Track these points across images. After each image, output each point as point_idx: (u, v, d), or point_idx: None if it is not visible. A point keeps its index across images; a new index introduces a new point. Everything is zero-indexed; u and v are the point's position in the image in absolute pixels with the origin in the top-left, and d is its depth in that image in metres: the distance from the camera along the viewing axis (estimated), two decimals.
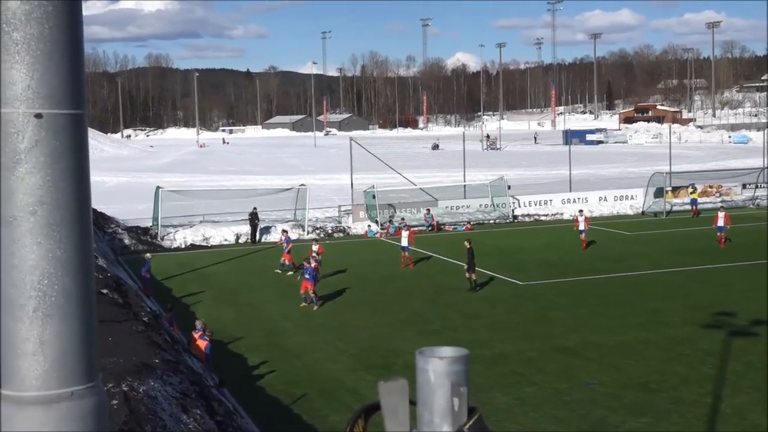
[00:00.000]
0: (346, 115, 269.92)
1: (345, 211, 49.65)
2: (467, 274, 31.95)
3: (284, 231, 39.68)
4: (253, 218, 44.63)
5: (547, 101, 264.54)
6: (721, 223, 40.82)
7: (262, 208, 45.81)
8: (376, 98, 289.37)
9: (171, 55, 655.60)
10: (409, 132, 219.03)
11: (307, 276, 30.00)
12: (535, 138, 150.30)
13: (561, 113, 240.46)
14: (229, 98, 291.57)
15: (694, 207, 51.69)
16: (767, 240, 39.38)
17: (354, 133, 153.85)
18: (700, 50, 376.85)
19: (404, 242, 37.09)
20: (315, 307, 29.51)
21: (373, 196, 48.65)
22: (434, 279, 34.38)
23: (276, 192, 49.67)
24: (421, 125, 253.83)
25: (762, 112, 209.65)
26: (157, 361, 15.43)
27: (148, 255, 33.06)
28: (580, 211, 43.64)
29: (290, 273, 35.44)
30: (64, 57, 2.62)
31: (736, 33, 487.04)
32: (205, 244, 44.33)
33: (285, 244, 36.88)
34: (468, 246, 32.28)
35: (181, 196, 48.06)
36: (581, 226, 40.69)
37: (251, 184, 65.19)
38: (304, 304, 29.76)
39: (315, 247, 34.28)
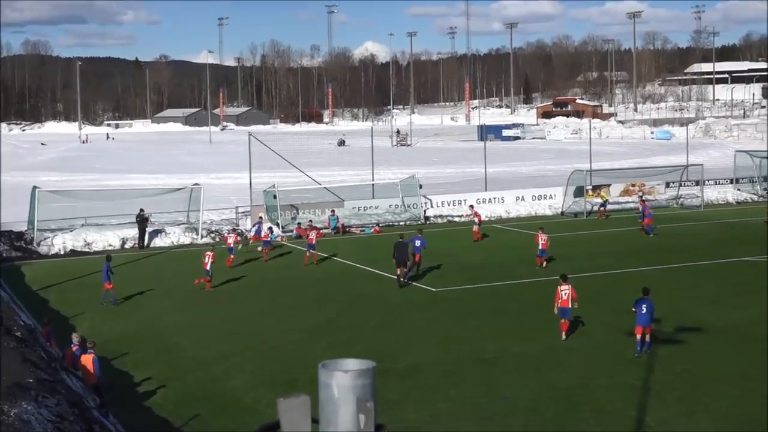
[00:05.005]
0: (244, 109, 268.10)
1: (243, 212, 49.22)
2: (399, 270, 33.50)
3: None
4: (142, 221, 43.86)
5: (461, 94, 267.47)
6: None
7: (151, 209, 45.11)
8: (278, 90, 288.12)
9: (52, 42, 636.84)
10: (313, 127, 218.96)
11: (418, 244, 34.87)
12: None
13: (476, 107, 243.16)
14: (115, 90, 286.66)
15: (602, 209, 52.43)
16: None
17: (253, 128, 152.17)
18: (621, 42, 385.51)
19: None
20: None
21: (274, 197, 48.34)
22: (343, 285, 34.36)
23: (167, 192, 48.98)
24: (326, 120, 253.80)
25: (685, 106, 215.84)
26: (31, 380, 14.99)
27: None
28: (471, 206, 48.93)
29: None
30: None
31: (658, 24, 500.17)
32: (87, 249, 43.43)
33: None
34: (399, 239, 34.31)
35: (61, 197, 47.02)
36: (475, 219, 45.29)
37: (139, 184, 64.20)
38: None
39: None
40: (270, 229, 42.82)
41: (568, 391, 21.18)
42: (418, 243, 35.39)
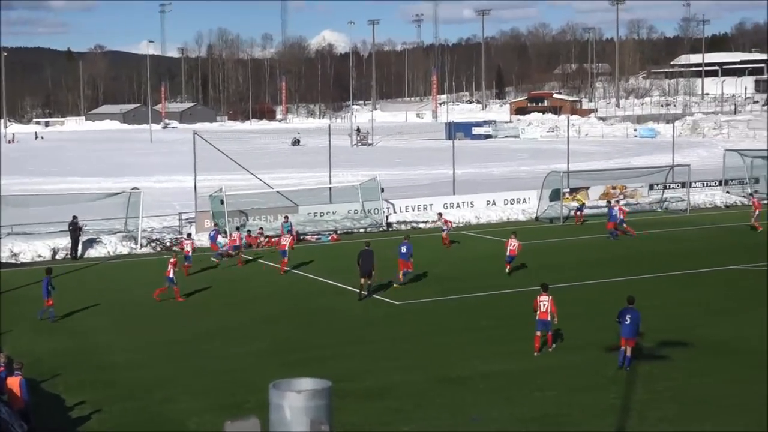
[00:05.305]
0: (188, 105, 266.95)
1: (187, 219, 49.01)
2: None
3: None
4: (75, 229, 43.57)
5: (428, 89, 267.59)
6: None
7: (86, 216, 44.80)
8: (226, 84, 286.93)
9: None
10: (264, 125, 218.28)
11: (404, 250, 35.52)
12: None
13: (443, 103, 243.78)
14: (45, 84, 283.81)
15: (578, 212, 52.74)
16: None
17: (198, 126, 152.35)
18: (603, 31, 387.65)
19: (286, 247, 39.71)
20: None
21: (221, 202, 48.14)
22: (298, 299, 34.38)
23: (103, 197, 48.61)
24: (279, 117, 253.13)
25: (672, 101, 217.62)
26: None
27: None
28: (439, 214, 49.37)
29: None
30: None
31: (644, 11, 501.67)
32: (13, 261, 43.08)
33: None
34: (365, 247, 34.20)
35: None
36: (444, 226, 46.26)
37: (72, 188, 63.65)
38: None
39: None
40: (238, 229, 44.43)
41: (542, 411, 21.39)
42: (404, 249, 35.58)
